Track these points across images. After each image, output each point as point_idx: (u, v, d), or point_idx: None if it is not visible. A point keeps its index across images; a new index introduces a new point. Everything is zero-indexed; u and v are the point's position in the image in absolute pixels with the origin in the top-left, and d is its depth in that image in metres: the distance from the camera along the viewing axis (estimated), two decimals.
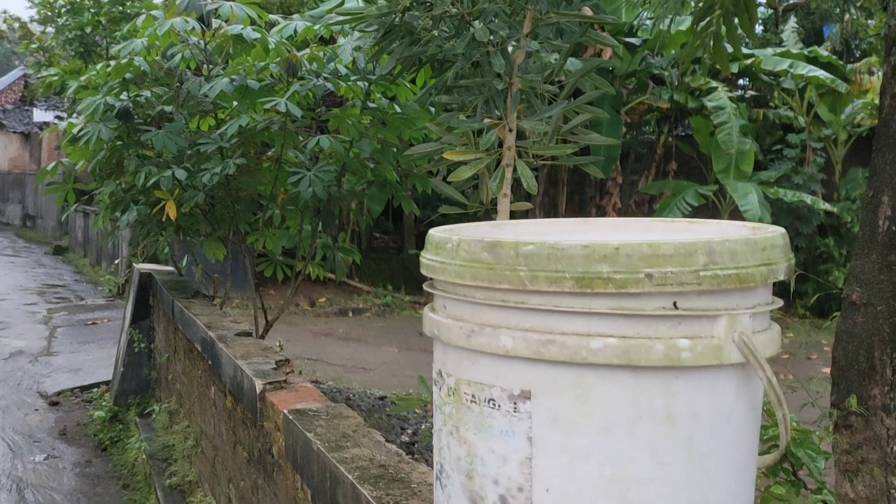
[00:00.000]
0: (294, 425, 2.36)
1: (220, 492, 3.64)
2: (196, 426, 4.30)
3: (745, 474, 1.03)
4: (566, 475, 0.97)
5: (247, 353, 3.25)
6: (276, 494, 2.67)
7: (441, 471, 1.12)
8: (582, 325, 0.95)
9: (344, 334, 10.12)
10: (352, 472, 1.94)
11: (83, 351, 8.32)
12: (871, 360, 2.44)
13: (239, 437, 3.23)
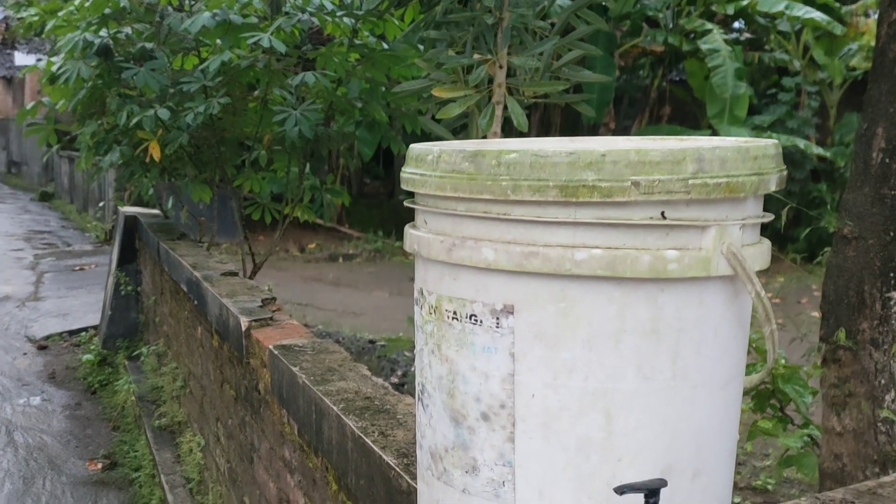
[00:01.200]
0: (280, 361, 2.34)
1: (209, 430, 3.64)
2: (184, 367, 4.30)
3: (732, 391, 1.01)
4: (549, 390, 0.94)
5: (232, 291, 3.22)
6: (263, 430, 2.67)
7: (423, 391, 1.09)
8: (566, 236, 0.91)
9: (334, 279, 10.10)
10: (337, 404, 1.92)
11: (71, 296, 8.29)
12: (861, 295, 2.43)
13: (226, 376, 3.22)
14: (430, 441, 1.08)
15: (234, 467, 3.14)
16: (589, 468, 0.95)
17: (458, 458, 1.03)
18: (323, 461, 2.07)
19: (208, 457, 3.69)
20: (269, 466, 2.61)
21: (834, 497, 1.50)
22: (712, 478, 1.01)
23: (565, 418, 0.95)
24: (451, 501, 1.05)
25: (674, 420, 0.95)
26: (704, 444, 0.98)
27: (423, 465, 1.11)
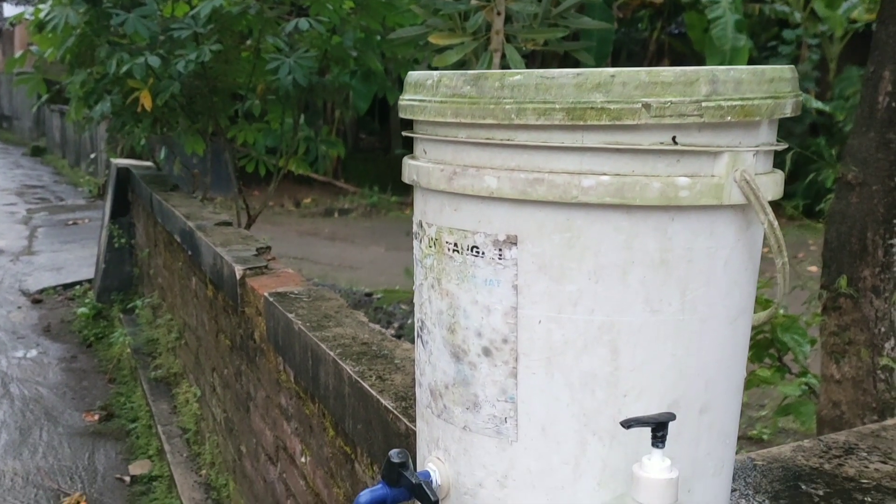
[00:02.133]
0: (275, 308, 2.31)
1: (205, 381, 3.63)
2: (179, 319, 4.27)
3: (740, 325, 0.98)
4: (553, 324, 0.91)
5: (226, 241, 3.18)
6: (259, 379, 2.65)
7: (422, 327, 1.06)
8: (573, 161, 0.87)
9: (330, 234, 10.07)
10: (334, 349, 1.90)
11: (65, 250, 8.25)
12: (864, 242, 2.40)
13: (221, 326, 3.19)
14: (429, 378, 1.05)
15: (230, 417, 3.13)
16: (594, 404, 0.92)
17: (458, 394, 1.00)
18: (320, 407, 2.05)
19: (204, 407, 3.69)
20: (266, 415, 2.59)
21: (837, 439, 1.49)
22: (719, 414, 0.98)
23: (570, 353, 0.92)
24: (451, 439, 1.02)
25: (681, 354, 0.92)
26: (712, 380, 0.96)
27: (422, 403, 1.09)
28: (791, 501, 1.24)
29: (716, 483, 1.01)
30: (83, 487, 3.88)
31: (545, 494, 0.96)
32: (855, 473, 1.33)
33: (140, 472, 3.99)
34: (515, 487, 0.97)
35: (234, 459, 3.09)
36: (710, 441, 0.98)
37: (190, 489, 3.50)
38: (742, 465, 1.36)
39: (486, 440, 0.98)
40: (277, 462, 2.48)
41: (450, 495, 1.03)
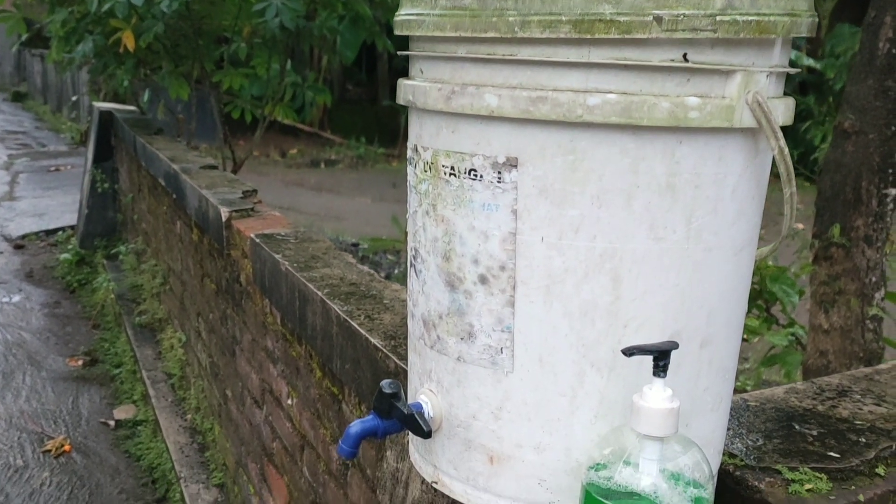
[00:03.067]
0: (262, 249, 2.27)
1: (190, 326, 3.60)
2: (163, 264, 4.22)
3: (745, 257, 0.95)
4: (554, 251, 0.88)
5: (212, 183, 3.12)
6: (244, 322, 2.62)
7: (416, 256, 1.02)
8: (578, 79, 0.83)
9: (316, 185, 9.98)
10: (321, 289, 1.86)
11: (47, 196, 8.13)
12: (858, 191, 2.38)
13: (206, 270, 3.15)
14: (422, 309, 1.02)
15: (215, 361, 3.11)
16: (593, 334, 0.90)
17: (452, 324, 0.97)
18: (307, 349, 2.02)
19: (189, 352, 3.66)
20: (252, 358, 2.57)
21: (830, 382, 1.48)
22: (719, 348, 0.96)
23: (570, 281, 0.89)
24: (444, 371, 0.99)
25: (684, 285, 0.90)
26: (714, 312, 0.93)
27: (414, 335, 1.06)
28: (785, 440, 1.23)
29: (713, 418, 1.00)
30: (67, 431, 3.86)
31: (540, 427, 0.93)
32: (849, 415, 1.32)
33: (125, 417, 3.98)
34: (510, 419, 0.95)
35: (219, 404, 3.07)
36: (710, 376, 0.96)
37: (175, 433, 3.49)
38: (735, 406, 1.35)
39: (480, 371, 0.95)
40: (263, 405, 2.46)
41: (442, 428, 1.01)
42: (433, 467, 1.04)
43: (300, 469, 2.14)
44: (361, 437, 0.99)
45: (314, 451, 2.03)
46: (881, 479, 1.15)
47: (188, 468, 3.21)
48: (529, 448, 0.94)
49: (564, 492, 0.94)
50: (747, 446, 1.21)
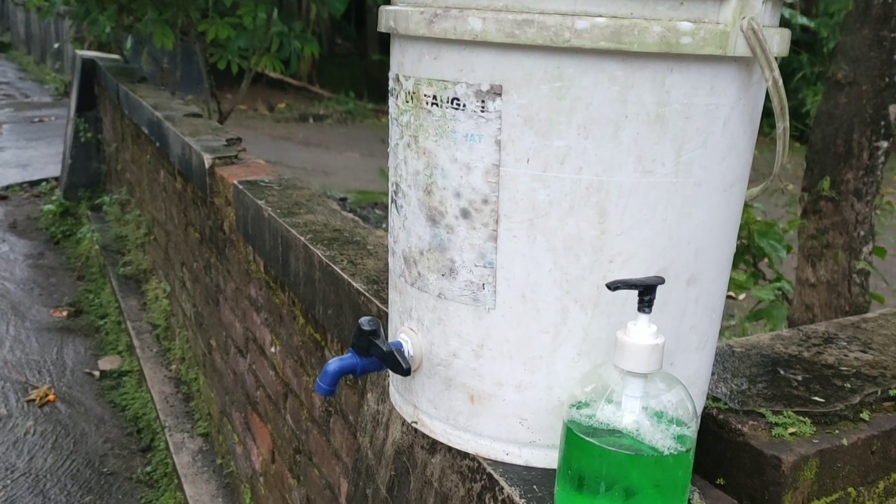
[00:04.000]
0: (245, 195, 2.23)
1: (174, 276, 3.57)
2: (147, 214, 4.18)
3: (735, 194, 0.93)
4: (538, 183, 0.85)
5: (196, 131, 3.07)
6: (228, 271, 2.59)
7: (396, 191, 0.99)
8: (566, 1, 0.79)
9: (304, 139, 9.88)
10: (304, 234, 1.83)
11: (31, 147, 8.02)
12: (849, 143, 2.35)
13: (190, 219, 3.11)
14: (403, 245, 0.99)
15: (199, 311, 3.09)
16: (577, 270, 0.87)
17: (434, 260, 0.94)
18: (290, 296, 2.00)
19: (174, 303, 3.63)
20: (235, 307, 2.54)
21: (816, 329, 1.47)
22: (706, 287, 0.94)
23: (554, 215, 0.86)
24: (425, 308, 0.97)
25: (672, 220, 0.87)
26: (702, 250, 0.91)
27: (395, 272, 1.03)
28: (769, 385, 1.22)
29: (698, 358, 0.98)
30: (51, 381, 3.84)
31: (522, 364, 0.91)
32: (834, 361, 1.31)
33: (110, 368, 3.96)
34: (491, 357, 0.93)
35: (203, 353, 3.06)
36: (696, 314, 0.94)
37: (160, 383, 3.48)
38: (720, 352, 1.33)
39: (461, 308, 0.93)
40: (247, 354, 2.44)
41: (422, 367, 0.99)
42: (413, 407, 1.03)
43: (283, 417, 2.13)
44: (339, 375, 0.97)
45: (297, 399, 2.01)
46: (865, 424, 1.14)
47: (173, 418, 3.20)
48: (511, 386, 0.92)
49: (546, 431, 0.93)
50: (731, 390, 1.19)
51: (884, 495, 1.17)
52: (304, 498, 1.99)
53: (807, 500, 1.08)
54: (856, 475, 1.12)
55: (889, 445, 1.15)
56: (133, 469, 3.27)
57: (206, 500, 2.69)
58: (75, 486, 3.14)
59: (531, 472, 0.94)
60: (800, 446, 1.07)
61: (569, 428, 0.83)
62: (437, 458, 1.05)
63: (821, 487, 1.09)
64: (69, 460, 3.30)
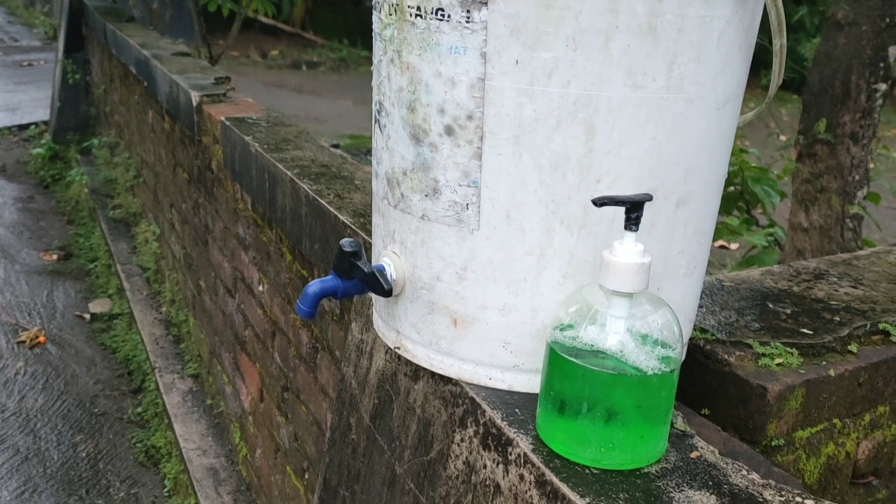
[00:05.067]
0: (232, 131, 2.19)
1: (164, 218, 3.54)
2: (136, 156, 4.13)
3: (728, 113, 0.90)
4: (524, 98, 0.82)
5: (183, 69, 3.01)
6: (216, 210, 2.56)
7: (380, 110, 0.96)
8: None
9: (297, 86, 9.75)
10: (291, 169, 1.80)
11: (19, 91, 7.90)
12: (847, 85, 2.32)
13: (178, 159, 3.07)
14: (386, 166, 0.96)
15: (189, 252, 3.06)
16: (564, 189, 0.85)
17: (417, 180, 0.92)
18: (277, 233, 1.97)
19: (164, 245, 3.61)
20: (224, 247, 2.52)
21: (807, 265, 1.45)
22: (696, 210, 0.91)
23: (541, 131, 0.83)
24: (408, 230, 0.95)
25: (662, 139, 0.84)
26: (692, 170, 0.88)
27: (378, 195, 1.01)
28: (757, 317, 1.20)
29: (686, 284, 0.96)
30: (42, 323, 3.83)
31: (506, 287, 0.89)
32: (824, 296, 1.30)
33: (100, 311, 3.95)
34: (475, 280, 0.91)
35: (193, 295, 3.04)
36: (685, 238, 0.92)
37: (150, 325, 3.47)
38: (710, 286, 1.32)
39: (445, 230, 0.91)
40: (235, 293, 2.43)
41: (405, 291, 0.97)
42: (396, 332, 1.01)
43: (271, 355, 2.12)
44: (320, 297, 0.95)
45: (285, 337, 2.00)
46: (853, 356, 1.13)
47: (163, 359, 3.20)
48: (494, 310, 0.91)
49: (529, 355, 0.92)
50: (719, 322, 1.18)
51: (869, 427, 1.16)
52: (292, 435, 2.00)
53: (791, 430, 1.07)
54: (842, 407, 1.12)
55: (876, 378, 1.14)
56: (124, 410, 3.28)
57: (195, 440, 2.70)
58: (66, 426, 3.15)
59: (514, 396, 0.93)
60: (786, 376, 1.06)
61: (552, 349, 0.82)
62: (420, 385, 1.04)
63: (806, 418, 1.08)
64: (60, 401, 3.30)
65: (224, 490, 2.46)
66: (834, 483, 1.14)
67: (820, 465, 1.12)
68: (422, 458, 1.01)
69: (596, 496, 0.76)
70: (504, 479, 0.85)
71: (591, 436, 0.80)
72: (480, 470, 0.90)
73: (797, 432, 1.08)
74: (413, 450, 1.03)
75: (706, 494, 0.77)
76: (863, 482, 1.18)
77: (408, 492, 1.03)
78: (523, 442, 0.84)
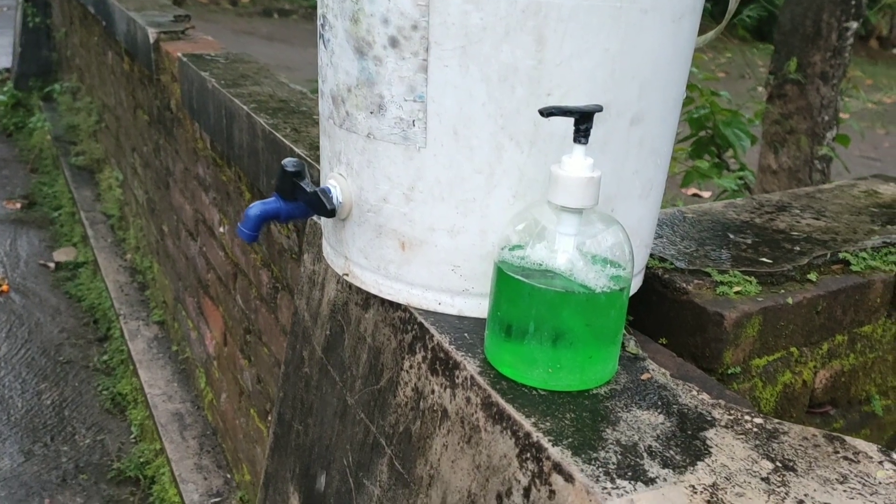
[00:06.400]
0: (189, 68, 2.12)
1: (126, 163, 3.46)
2: (98, 100, 4.02)
3: (685, 28, 0.86)
4: (471, 5, 0.78)
5: (141, 6, 2.91)
6: (176, 151, 2.50)
7: (323, 24, 0.92)
8: None
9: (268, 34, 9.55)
10: (248, 104, 1.75)
11: None
12: (818, 24, 2.28)
13: (138, 100, 2.99)
14: (331, 83, 0.92)
15: (151, 197, 3.00)
16: (512, 103, 0.81)
17: (362, 96, 0.87)
18: (236, 171, 1.92)
19: (127, 191, 3.54)
20: (185, 188, 2.46)
21: (770, 198, 1.43)
22: (651, 128, 0.88)
23: (488, 41, 0.79)
24: (354, 151, 0.91)
25: (615, 51, 0.81)
26: (647, 87, 0.85)
27: (324, 114, 0.97)
28: (717, 247, 1.19)
29: (642, 206, 0.93)
30: (5, 272, 3.76)
31: (455, 207, 0.86)
32: (786, 227, 1.28)
33: (65, 259, 3.88)
34: (423, 201, 0.87)
35: (156, 240, 2.99)
36: (640, 158, 0.89)
37: (115, 273, 3.42)
38: (671, 217, 1.30)
39: (391, 149, 0.87)
40: (197, 236, 2.38)
41: (352, 214, 0.93)
42: (344, 259, 0.98)
43: (234, 298, 2.09)
44: (262, 219, 0.91)
45: (246, 278, 1.97)
46: (812, 285, 1.12)
47: (128, 306, 3.15)
48: (443, 232, 0.88)
49: (479, 279, 0.89)
50: (679, 251, 1.16)
51: (827, 357, 1.15)
52: (255, 377, 1.97)
53: (748, 358, 1.06)
54: (799, 335, 1.10)
55: (835, 306, 1.13)
56: (90, 358, 3.24)
57: (161, 385, 2.68)
58: (30, 374, 3.10)
59: (464, 321, 0.90)
60: (743, 304, 1.05)
61: (499, 268, 0.79)
62: (370, 313, 1.01)
63: (763, 345, 1.07)
64: (24, 349, 3.25)
65: (190, 435, 2.44)
66: (790, 412, 1.14)
67: (776, 393, 1.11)
68: (372, 387, 0.99)
69: (541, 416, 0.74)
70: (451, 403, 0.83)
71: (539, 357, 0.78)
72: (428, 396, 0.87)
73: (754, 360, 1.07)
74: (364, 379, 1.01)
75: (654, 413, 0.75)
76: (819, 412, 1.18)
77: (359, 422, 1.01)
78: (470, 365, 0.82)
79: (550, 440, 0.70)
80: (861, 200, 1.42)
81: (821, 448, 0.70)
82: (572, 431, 0.72)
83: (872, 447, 0.70)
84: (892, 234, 1.26)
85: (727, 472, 0.67)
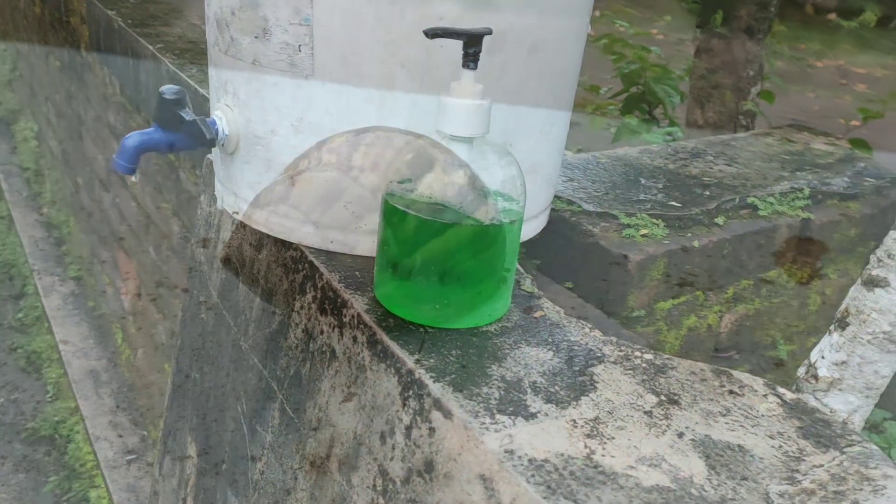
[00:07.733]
0: (96, 7, 2.01)
1: (40, 114, 3.31)
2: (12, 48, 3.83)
3: None
4: None
5: None
6: (88, 98, 2.38)
7: None
8: None
9: None
10: (154, 44, 1.66)
11: None
12: None
13: (50, 46, 2.84)
14: (215, 6, 0.86)
15: (65, 148, 2.87)
16: (402, 28, 0.77)
17: (246, 19, 0.82)
18: (144, 117, 1.84)
19: (42, 143, 3.39)
20: (97, 138, 2.36)
21: (686, 145, 1.43)
22: (552, 60, 0.85)
23: None
24: (240, 80, 0.86)
25: None
26: (547, 14, 0.81)
27: (210, 41, 0.91)
28: (628, 191, 1.17)
29: (544, 143, 0.90)
30: None
31: None
32: (698, 172, 1.27)
33: None
34: (312, 132, 0.83)
35: (72, 193, 2.87)
36: (540, 92, 0.86)
37: (31, 228, 3.28)
38: (585, 161, 1.28)
39: (278, 77, 0.82)
40: (110, 188, 2.28)
41: (240, 147, 0.88)
42: (234, 196, 0.93)
43: (146, 250, 2.01)
44: (140, 150, 0.86)
45: (158, 229, 1.90)
46: (718, 228, 1.11)
47: (42, 261, 3.03)
48: None
49: (371, 215, 0.85)
50: (589, 194, 1.14)
51: (732, 301, 1.15)
52: (168, 331, 1.91)
53: (652, 302, 1.05)
54: (705, 279, 1.10)
55: (741, 250, 1.12)
56: (4, 315, 3.11)
57: (76, 342, 2.59)
58: None
59: (356, 259, 0.86)
60: (649, 246, 1.03)
61: (386, 200, 0.75)
62: (263, 254, 0.96)
63: (668, 289, 1.06)
64: None
65: (105, 392, 2.37)
66: (695, 356, 1.13)
67: (681, 336, 1.10)
68: (265, 330, 0.95)
69: (426, 354, 0.71)
70: (339, 343, 0.80)
71: (427, 293, 0.75)
72: (318, 336, 0.84)
73: (658, 303, 1.06)
74: (257, 323, 0.97)
75: (543, 350, 0.73)
76: (724, 356, 1.18)
77: (252, 367, 0.97)
78: (358, 303, 0.78)
79: (432, 377, 0.67)
80: (774, 148, 1.42)
81: (707, 382, 0.69)
82: (456, 368, 0.69)
83: (758, 381, 0.69)
84: (801, 181, 1.26)
85: (611, 406, 0.65)
